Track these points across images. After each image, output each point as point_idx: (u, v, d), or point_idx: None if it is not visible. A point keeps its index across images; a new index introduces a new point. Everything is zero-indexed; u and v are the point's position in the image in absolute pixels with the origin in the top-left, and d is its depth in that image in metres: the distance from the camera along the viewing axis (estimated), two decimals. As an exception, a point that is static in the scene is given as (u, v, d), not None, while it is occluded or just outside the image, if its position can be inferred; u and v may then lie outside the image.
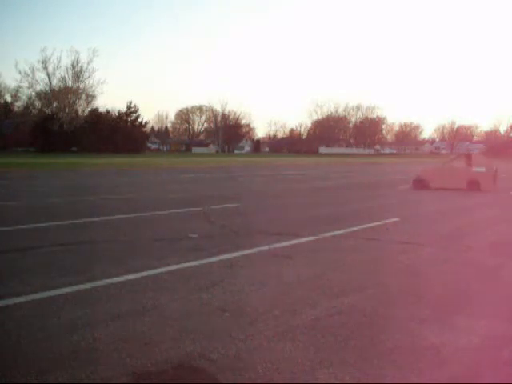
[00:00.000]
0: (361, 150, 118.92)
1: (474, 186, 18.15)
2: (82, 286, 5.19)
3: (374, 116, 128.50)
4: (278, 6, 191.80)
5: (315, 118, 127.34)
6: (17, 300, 4.77)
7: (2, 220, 9.76)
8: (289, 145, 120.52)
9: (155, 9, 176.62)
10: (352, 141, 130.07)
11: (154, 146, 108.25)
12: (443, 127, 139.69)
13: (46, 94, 77.81)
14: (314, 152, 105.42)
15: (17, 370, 3.38)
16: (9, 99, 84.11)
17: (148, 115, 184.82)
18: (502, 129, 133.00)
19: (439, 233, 9.22)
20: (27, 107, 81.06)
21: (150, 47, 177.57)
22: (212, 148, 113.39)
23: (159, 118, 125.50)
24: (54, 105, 76.54)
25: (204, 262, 6.35)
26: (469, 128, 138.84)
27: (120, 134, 72.49)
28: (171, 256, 6.65)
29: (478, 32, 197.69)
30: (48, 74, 76.74)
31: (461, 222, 10.88)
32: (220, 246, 7.47)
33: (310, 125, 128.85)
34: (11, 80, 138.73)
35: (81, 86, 78.63)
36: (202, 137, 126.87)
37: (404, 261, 6.88)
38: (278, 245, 7.62)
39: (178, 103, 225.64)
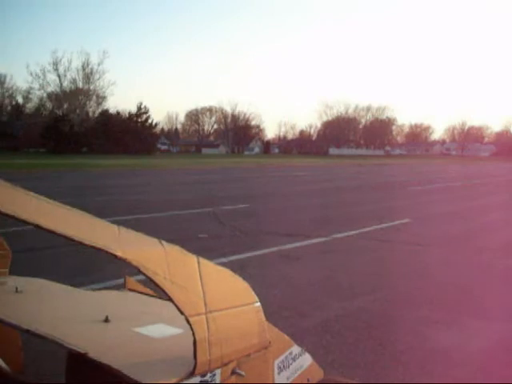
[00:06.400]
0: (370, 152, 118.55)
1: None
2: (93, 286, 5.21)
3: (384, 117, 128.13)
4: (286, 6, 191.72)
5: (325, 119, 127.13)
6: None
7: (12, 220, 9.80)
8: (298, 146, 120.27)
9: (164, 10, 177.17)
10: (362, 142, 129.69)
11: (163, 147, 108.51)
12: (453, 128, 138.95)
13: (56, 95, 78.26)
14: (324, 153, 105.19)
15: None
16: (20, 101, 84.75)
17: (158, 116, 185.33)
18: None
19: (451, 234, 9.17)
20: (38, 108, 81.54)
21: (160, 49, 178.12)
22: (222, 149, 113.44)
23: (169, 119, 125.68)
24: (65, 106, 76.95)
25: (214, 262, 6.34)
26: (479, 129, 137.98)
27: (130, 135, 72.60)
28: (181, 257, 6.65)
29: (488, 32, 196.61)
30: (59, 76, 77.16)
31: (473, 223, 10.82)
32: (230, 246, 7.48)
33: (319, 126, 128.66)
34: (23, 82, 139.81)
35: (91, 88, 79.02)
36: (211, 138, 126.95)
37: (415, 262, 6.85)
38: (288, 246, 7.61)
39: (188, 104, 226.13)
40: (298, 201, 14.89)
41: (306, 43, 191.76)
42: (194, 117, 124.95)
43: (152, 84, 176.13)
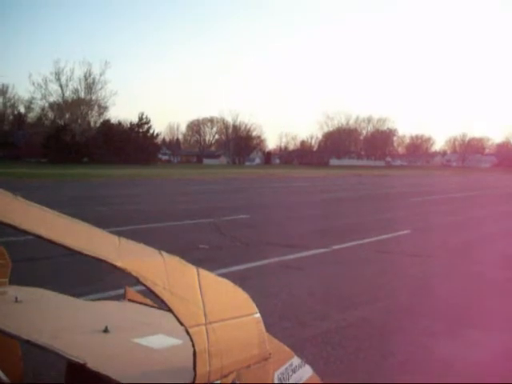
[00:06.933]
0: (371, 162, 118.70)
1: None
2: (92, 297, 5.20)
3: (385, 128, 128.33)
4: (287, 17, 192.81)
5: (326, 130, 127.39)
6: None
7: (12, 230, 9.81)
8: (299, 157, 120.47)
9: (166, 21, 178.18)
10: (363, 153, 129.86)
11: (165, 158, 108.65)
12: (454, 139, 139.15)
13: (58, 105, 78.44)
14: (325, 164, 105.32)
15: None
16: (22, 110, 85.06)
17: (159, 127, 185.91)
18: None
19: (451, 245, 9.16)
20: (40, 118, 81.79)
21: (162, 59, 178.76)
22: (223, 159, 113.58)
23: (170, 129, 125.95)
24: (67, 116, 77.12)
25: (215, 273, 6.34)
26: (480, 140, 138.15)
27: (131, 145, 72.75)
28: (181, 267, 6.64)
29: (489, 43, 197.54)
30: (61, 86, 77.30)
31: (473, 234, 10.81)
32: (231, 257, 7.48)
33: (320, 137, 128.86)
34: (24, 91, 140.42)
35: (93, 98, 79.22)
36: (213, 148, 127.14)
37: (415, 273, 6.84)
38: (288, 257, 7.60)
39: (189, 115, 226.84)
40: (299, 212, 14.89)
41: (306, 54, 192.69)
42: (196, 127, 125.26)
43: (154, 94, 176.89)
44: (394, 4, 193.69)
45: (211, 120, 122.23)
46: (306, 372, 2.03)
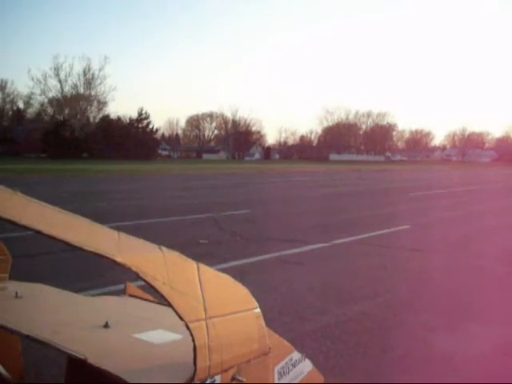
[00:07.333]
0: (371, 157, 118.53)
1: None
2: (92, 292, 5.21)
3: (385, 123, 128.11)
4: (286, 12, 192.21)
5: (326, 124, 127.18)
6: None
7: (11, 226, 9.80)
8: (299, 152, 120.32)
9: (165, 15, 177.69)
10: (362, 148, 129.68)
11: (164, 153, 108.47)
12: (454, 134, 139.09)
13: (57, 100, 78.25)
14: (325, 159, 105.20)
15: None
16: (21, 106, 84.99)
17: (159, 122, 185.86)
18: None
19: (451, 240, 9.17)
20: (39, 114, 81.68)
21: (161, 54, 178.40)
22: (222, 155, 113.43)
23: (170, 124, 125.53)
24: (66, 111, 76.94)
25: (215, 268, 6.34)
26: (480, 135, 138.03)
27: (131, 140, 72.62)
28: (181, 262, 6.64)
29: (489, 38, 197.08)
30: (60, 81, 77.07)
31: (472, 228, 10.81)
32: (230, 252, 7.48)
33: (320, 132, 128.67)
34: (24, 87, 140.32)
35: (92, 93, 79.01)
36: (212, 143, 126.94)
37: (415, 268, 6.85)
38: (288, 251, 7.61)
39: (189, 110, 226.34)
40: (299, 206, 14.89)
41: (306, 49, 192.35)
42: (195, 122, 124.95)
43: (153, 89, 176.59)
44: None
45: (211, 115, 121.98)
46: (306, 366, 2.04)
